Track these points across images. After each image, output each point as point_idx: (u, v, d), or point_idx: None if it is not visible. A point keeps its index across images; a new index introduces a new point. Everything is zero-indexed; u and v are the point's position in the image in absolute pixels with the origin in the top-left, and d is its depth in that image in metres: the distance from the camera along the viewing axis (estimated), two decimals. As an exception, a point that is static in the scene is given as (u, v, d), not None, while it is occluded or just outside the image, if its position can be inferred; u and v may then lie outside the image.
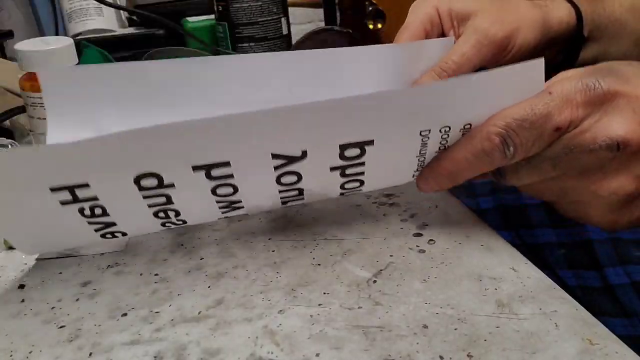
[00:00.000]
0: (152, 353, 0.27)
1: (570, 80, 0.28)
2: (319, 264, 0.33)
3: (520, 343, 0.26)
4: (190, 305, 0.30)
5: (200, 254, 0.35)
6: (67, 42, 0.44)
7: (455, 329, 0.27)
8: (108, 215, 0.32)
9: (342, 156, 0.31)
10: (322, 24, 0.75)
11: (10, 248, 0.38)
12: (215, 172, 0.30)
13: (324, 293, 0.30)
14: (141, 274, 0.34)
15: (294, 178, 0.32)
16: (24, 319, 0.31)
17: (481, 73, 0.31)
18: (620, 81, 0.28)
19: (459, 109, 0.30)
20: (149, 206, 0.32)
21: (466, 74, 0.32)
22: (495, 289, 0.30)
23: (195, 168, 0.30)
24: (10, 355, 0.28)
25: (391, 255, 0.33)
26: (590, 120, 0.28)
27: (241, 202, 0.33)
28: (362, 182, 0.34)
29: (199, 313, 0.30)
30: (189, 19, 0.73)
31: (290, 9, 0.70)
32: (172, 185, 0.30)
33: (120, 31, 0.77)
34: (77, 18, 0.77)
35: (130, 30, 0.78)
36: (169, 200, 0.31)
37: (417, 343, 0.26)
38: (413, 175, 0.34)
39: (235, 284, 0.32)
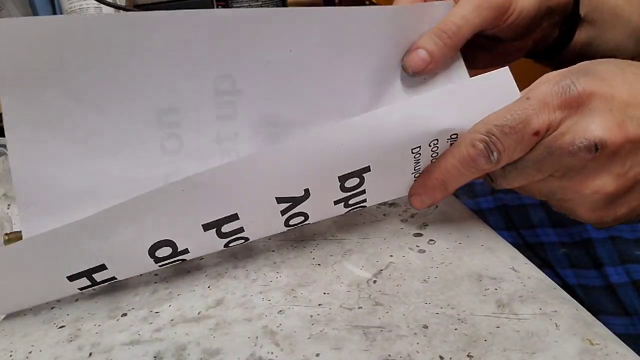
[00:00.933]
0: (152, 353, 0.27)
1: (547, 83, 0.29)
2: (319, 264, 0.33)
3: (520, 343, 0.26)
4: (190, 306, 0.30)
5: (200, 254, 0.35)
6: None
7: (456, 329, 0.27)
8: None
9: (343, 188, 0.31)
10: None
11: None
12: (225, 228, 0.30)
13: (324, 293, 0.30)
14: (141, 274, 0.33)
15: (300, 218, 0.32)
16: (23, 319, 0.31)
17: (456, 84, 0.32)
18: (596, 82, 0.28)
19: (442, 121, 0.31)
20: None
21: (441, 88, 0.32)
22: (496, 289, 0.30)
23: (206, 227, 0.30)
24: (10, 355, 0.28)
25: (391, 255, 0.33)
26: (567, 123, 0.28)
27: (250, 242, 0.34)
28: (364, 207, 0.35)
29: (199, 313, 0.30)
30: (189, 18, 0.73)
31: (290, 9, 0.70)
32: (186, 251, 0.31)
33: (120, 31, 0.77)
34: (77, 18, 0.77)
35: (130, 29, 0.78)
36: (183, 261, 0.32)
37: (417, 343, 0.26)
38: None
39: (235, 284, 0.32)
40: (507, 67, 0.31)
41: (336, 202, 0.33)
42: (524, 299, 0.29)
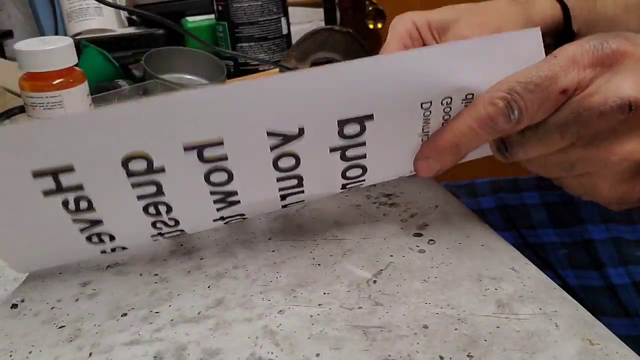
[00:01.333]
0: (152, 353, 0.27)
1: (576, 43, 0.27)
2: (319, 264, 0.33)
3: (520, 343, 0.26)
4: (190, 306, 0.30)
5: (200, 254, 0.35)
6: (66, 42, 0.44)
7: (456, 329, 0.27)
8: (94, 209, 0.30)
9: (341, 134, 0.29)
10: (322, 24, 0.75)
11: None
12: (207, 153, 0.28)
13: (324, 293, 0.30)
14: (141, 274, 0.33)
15: (291, 161, 0.30)
16: (23, 319, 0.30)
17: (478, 38, 0.29)
18: (629, 42, 0.27)
19: (458, 76, 0.29)
20: (138, 198, 0.30)
21: (462, 41, 0.30)
22: (496, 289, 0.30)
23: (187, 148, 0.28)
24: (10, 356, 0.28)
25: (391, 255, 0.33)
26: (599, 82, 0.27)
27: (237, 194, 0.31)
28: (364, 170, 0.32)
29: (199, 313, 0.30)
30: (189, 18, 0.73)
31: (290, 9, 0.70)
32: (162, 170, 0.29)
33: (120, 31, 0.78)
34: (77, 18, 0.77)
35: (130, 30, 0.78)
36: (159, 190, 0.30)
37: (417, 343, 0.26)
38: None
39: (235, 284, 0.32)
40: (539, 27, 0.29)
41: (332, 150, 0.30)
42: (524, 299, 0.29)
